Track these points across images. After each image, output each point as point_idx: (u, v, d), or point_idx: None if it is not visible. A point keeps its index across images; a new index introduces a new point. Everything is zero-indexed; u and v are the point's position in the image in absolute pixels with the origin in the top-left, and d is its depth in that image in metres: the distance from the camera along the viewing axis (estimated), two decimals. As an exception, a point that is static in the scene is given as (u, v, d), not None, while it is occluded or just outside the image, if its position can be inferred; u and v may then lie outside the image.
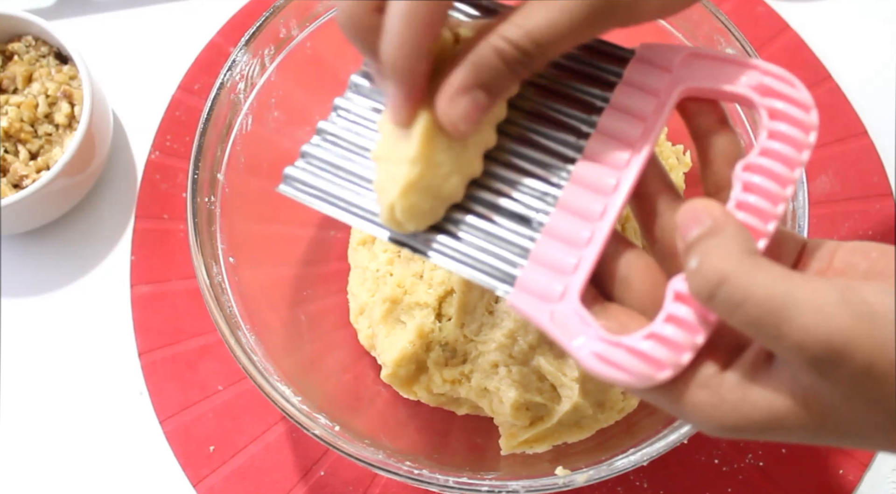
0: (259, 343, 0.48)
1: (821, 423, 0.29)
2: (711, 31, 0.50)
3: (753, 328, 0.28)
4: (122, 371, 0.59)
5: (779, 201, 0.32)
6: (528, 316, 0.33)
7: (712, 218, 0.30)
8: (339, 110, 0.37)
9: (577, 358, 0.32)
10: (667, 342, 0.30)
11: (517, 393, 0.49)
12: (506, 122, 0.35)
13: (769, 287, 0.28)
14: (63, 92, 0.59)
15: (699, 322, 0.31)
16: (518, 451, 0.52)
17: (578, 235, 0.33)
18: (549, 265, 0.33)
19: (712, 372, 0.30)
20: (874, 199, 0.60)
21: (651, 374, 0.30)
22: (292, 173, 0.36)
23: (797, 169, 0.32)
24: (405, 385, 0.52)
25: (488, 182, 0.35)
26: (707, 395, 0.30)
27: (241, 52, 0.50)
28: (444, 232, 0.34)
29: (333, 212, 0.36)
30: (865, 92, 0.63)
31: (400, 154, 0.33)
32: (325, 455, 0.56)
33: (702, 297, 0.29)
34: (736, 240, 0.29)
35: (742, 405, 0.30)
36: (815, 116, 0.33)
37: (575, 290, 0.32)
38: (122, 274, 0.60)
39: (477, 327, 0.51)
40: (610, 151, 0.34)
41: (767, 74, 0.33)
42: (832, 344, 0.27)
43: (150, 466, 0.57)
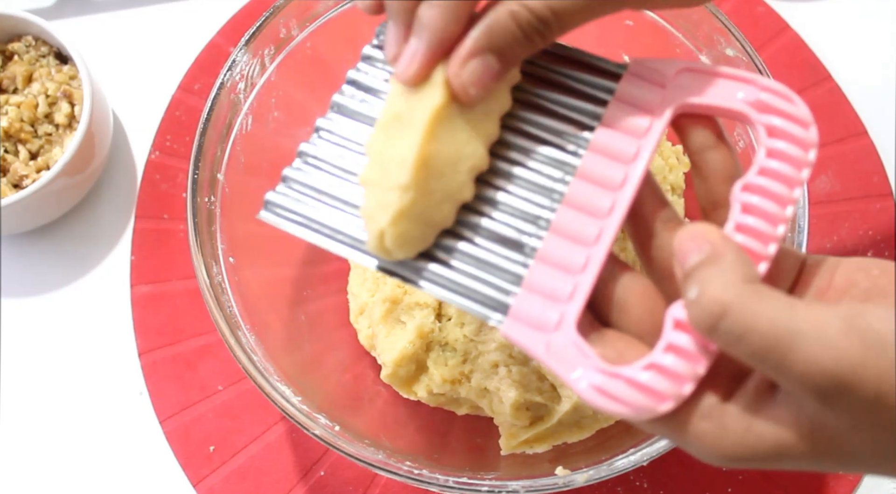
0: (259, 343, 0.48)
1: (826, 452, 0.28)
2: (711, 31, 0.50)
3: (757, 359, 0.28)
4: (122, 371, 0.59)
5: (778, 222, 0.31)
6: (522, 347, 0.32)
7: (711, 244, 0.29)
8: (322, 132, 0.36)
9: (576, 391, 0.31)
10: (667, 372, 0.30)
11: (517, 392, 0.49)
12: (497, 143, 0.34)
13: (772, 318, 0.27)
14: (63, 92, 0.59)
15: (700, 351, 0.30)
16: (518, 451, 0.52)
17: (573, 261, 0.32)
18: (543, 292, 0.32)
19: (714, 402, 0.30)
20: (874, 199, 0.60)
21: (652, 407, 0.30)
22: (273, 198, 0.35)
23: (797, 188, 0.31)
24: (405, 385, 0.52)
25: (479, 206, 0.33)
26: (710, 426, 0.29)
27: (241, 52, 0.50)
28: (434, 259, 0.33)
29: (317, 239, 0.34)
30: (865, 92, 0.63)
31: (391, 179, 0.32)
32: (325, 455, 0.56)
33: (703, 329, 0.28)
34: (736, 268, 0.28)
35: (746, 436, 0.29)
36: (814, 133, 0.32)
37: (571, 319, 0.31)
38: (122, 274, 0.60)
39: (477, 327, 0.51)
40: (604, 171, 0.33)
41: (765, 90, 0.32)
42: (838, 375, 0.26)
43: (150, 466, 0.57)
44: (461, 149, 0.32)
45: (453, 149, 0.32)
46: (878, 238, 0.60)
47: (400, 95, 0.33)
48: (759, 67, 0.48)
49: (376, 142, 0.33)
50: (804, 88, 0.63)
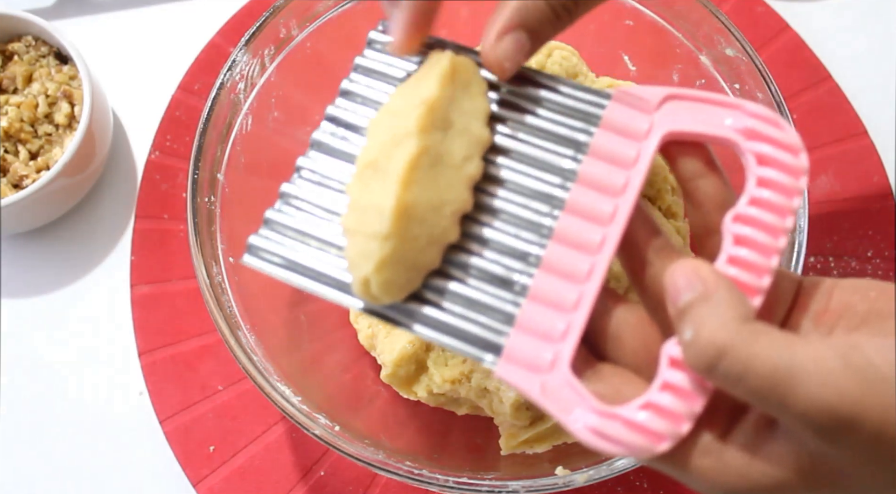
0: (259, 343, 0.48)
1: (828, 487, 0.28)
2: (711, 31, 0.50)
3: (757, 399, 0.27)
4: (122, 371, 0.59)
5: (772, 254, 0.31)
6: (517, 388, 0.31)
7: (703, 282, 0.29)
8: (303, 171, 0.35)
9: (572, 432, 0.30)
10: (664, 412, 0.29)
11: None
12: (483, 180, 0.33)
13: (770, 357, 0.27)
14: (63, 92, 0.59)
15: (696, 389, 0.29)
16: (518, 451, 0.52)
17: (565, 298, 0.31)
18: (536, 332, 0.31)
19: (714, 439, 0.30)
20: (874, 199, 0.60)
21: (650, 447, 0.29)
22: (257, 242, 0.35)
23: (788, 217, 0.31)
24: (405, 385, 0.52)
25: (467, 245, 0.33)
26: (711, 462, 0.29)
27: (241, 52, 0.50)
28: (423, 300, 0.32)
29: (303, 282, 0.34)
30: (865, 92, 0.63)
31: (370, 228, 0.31)
32: (325, 455, 0.56)
33: (699, 370, 0.28)
34: (730, 307, 0.28)
35: (748, 472, 0.29)
36: (804, 159, 0.31)
37: (565, 359, 0.31)
38: (122, 274, 0.60)
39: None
40: (593, 204, 0.32)
41: (753, 116, 0.32)
42: (839, 414, 0.26)
43: (150, 466, 0.57)
44: (443, 195, 0.32)
45: (434, 194, 0.32)
46: (877, 238, 0.60)
47: (377, 141, 0.33)
48: (759, 67, 0.48)
49: (354, 188, 0.33)
50: (804, 88, 0.63)
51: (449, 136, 0.33)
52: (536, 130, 0.34)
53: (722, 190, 0.32)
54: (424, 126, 0.32)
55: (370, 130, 0.34)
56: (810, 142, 0.61)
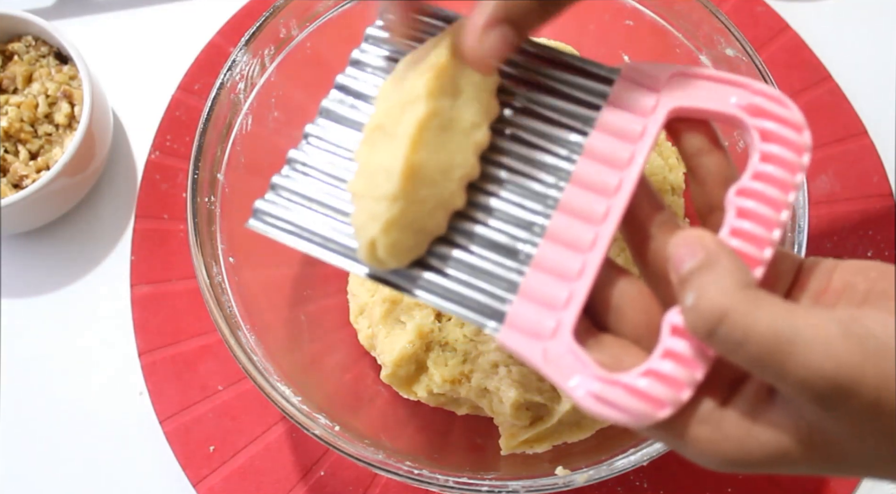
0: (259, 343, 0.48)
1: (825, 457, 0.28)
2: (711, 31, 0.50)
3: (756, 365, 0.27)
4: (122, 371, 0.59)
5: (774, 226, 0.31)
6: (519, 355, 0.31)
7: (705, 249, 0.29)
8: (311, 138, 0.35)
9: (574, 398, 0.30)
10: (665, 379, 0.29)
11: (517, 392, 0.50)
12: (489, 150, 0.33)
13: (770, 323, 0.27)
14: (63, 92, 0.59)
15: (697, 357, 0.30)
16: (518, 451, 0.52)
17: (569, 267, 0.32)
18: (539, 299, 0.32)
19: (713, 408, 0.30)
20: (874, 199, 0.60)
21: (651, 413, 0.30)
22: (262, 207, 0.35)
23: (791, 192, 0.31)
24: (405, 385, 0.52)
25: (472, 213, 0.33)
26: (709, 432, 0.29)
27: (241, 52, 0.50)
28: (428, 267, 0.33)
29: (308, 247, 0.34)
30: (865, 92, 0.63)
31: (378, 190, 0.31)
32: (325, 455, 0.56)
33: (700, 335, 0.28)
34: (732, 274, 0.28)
35: (746, 441, 0.29)
36: (807, 137, 0.32)
37: (567, 326, 0.31)
38: (122, 274, 0.60)
39: (476, 327, 0.51)
40: (598, 176, 0.33)
41: (758, 94, 0.32)
42: (838, 381, 0.26)
43: (150, 466, 0.57)
44: (451, 158, 0.32)
45: (443, 158, 0.32)
46: (878, 238, 0.60)
47: (385, 106, 0.33)
48: (759, 67, 0.48)
49: (362, 153, 0.33)
50: (804, 88, 0.63)
51: (458, 103, 0.33)
52: (544, 104, 0.34)
53: (725, 166, 0.33)
54: (433, 90, 0.32)
55: (379, 97, 0.34)
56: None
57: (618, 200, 0.32)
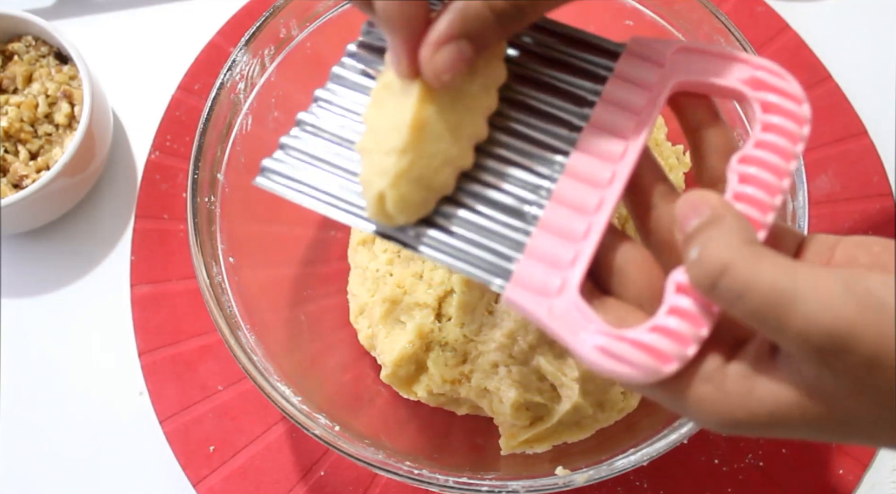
0: (259, 343, 0.48)
1: (825, 418, 0.29)
2: (711, 30, 0.50)
3: (756, 319, 0.28)
4: (122, 371, 0.59)
5: (776, 192, 0.32)
6: (525, 311, 0.32)
7: (711, 208, 0.30)
8: (321, 102, 0.36)
9: (580, 353, 0.31)
10: (671, 334, 0.30)
11: (517, 392, 0.49)
12: (497, 115, 0.34)
13: (772, 276, 0.27)
14: (63, 92, 0.59)
15: (702, 313, 0.30)
16: (518, 451, 0.52)
17: (574, 228, 0.32)
18: (545, 259, 0.32)
19: (715, 367, 0.30)
20: (874, 199, 0.60)
21: (657, 368, 0.30)
22: (270, 165, 0.35)
23: (792, 161, 0.32)
24: (405, 385, 0.52)
25: (480, 175, 0.34)
26: (711, 390, 0.30)
27: (241, 52, 0.50)
28: (435, 226, 0.33)
29: (314, 205, 0.34)
30: (865, 92, 0.63)
31: (388, 144, 0.32)
32: (325, 455, 0.56)
33: (703, 288, 0.29)
34: (736, 230, 0.29)
35: (747, 400, 0.29)
36: (807, 109, 0.33)
37: (573, 284, 0.32)
38: (122, 274, 0.60)
39: (477, 327, 0.51)
40: (604, 144, 0.33)
41: (759, 68, 0.33)
42: (836, 334, 0.26)
43: (150, 466, 0.57)
44: (459, 118, 0.33)
45: (451, 116, 0.32)
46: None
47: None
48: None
49: (371, 114, 0.34)
50: (804, 88, 0.62)
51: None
52: (551, 76, 0.35)
53: (727, 139, 0.34)
54: None
55: (387, 62, 0.34)
56: (810, 141, 0.61)
57: (623, 165, 0.33)
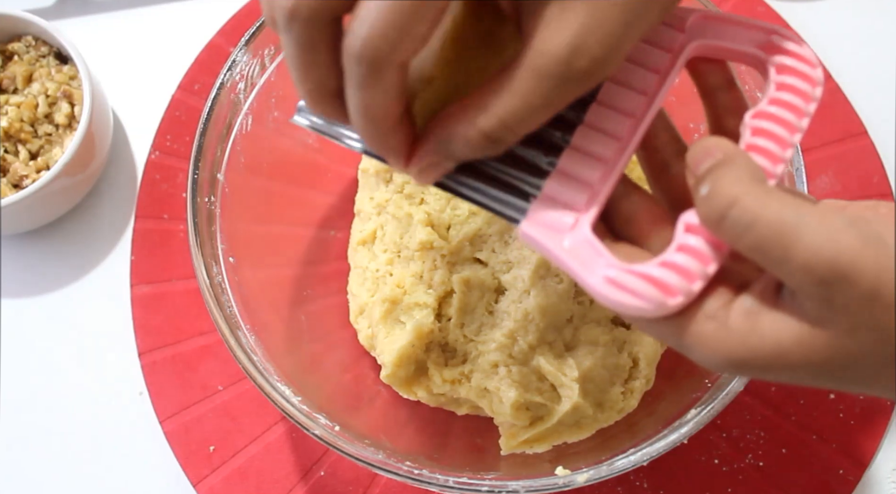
0: (259, 343, 0.48)
1: (825, 359, 0.29)
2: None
3: (762, 252, 0.29)
4: (122, 371, 0.59)
5: (787, 146, 0.33)
6: (539, 244, 0.33)
7: (723, 151, 0.31)
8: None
9: (589, 285, 0.32)
10: (679, 269, 0.31)
11: (517, 393, 0.49)
12: None
13: (778, 210, 0.28)
14: (63, 92, 0.59)
15: (711, 252, 0.31)
16: (518, 451, 0.52)
17: (590, 175, 0.34)
18: (559, 200, 0.33)
19: (720, 304, 0.31)
20: (874, 199, 0.60)
21: (663, 300, 0.31)
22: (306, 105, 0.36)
23: (804, 119, 0.33)
24: (405, 385, 0.52)
25: None
26: (714, 327, 0.30)
27: (241, 52, 0.50)
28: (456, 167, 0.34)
29: (350, 143, 0.35)
30: (865, 92, 0.63)
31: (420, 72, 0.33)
32: (325, 455, 0.56)
33: (711, 221, 0.30)
34: (746, 168, 0.30)
35: (749, 336, 0.30)
36: (820, 73, 0.34)
37: (586, 222, 0.33)
38: (122, 274, 0.60)
39: (477, 327, 0.51)
40: (623, 98, 0.34)
41: (774, 33, 0.34)
42: (839, 265, 0.27)
43: (150, 466, 0.57)
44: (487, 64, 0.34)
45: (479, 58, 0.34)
46: (878, 238, 0.60)
47: None
48: (759, 67, 0.48)
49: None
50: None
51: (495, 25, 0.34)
52: None
53: (741, 102, 0.35)
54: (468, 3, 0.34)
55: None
56: (810, 142, 0.61)
57: (640, 119, 0.34)
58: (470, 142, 0.31)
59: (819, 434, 0.56)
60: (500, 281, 0.51)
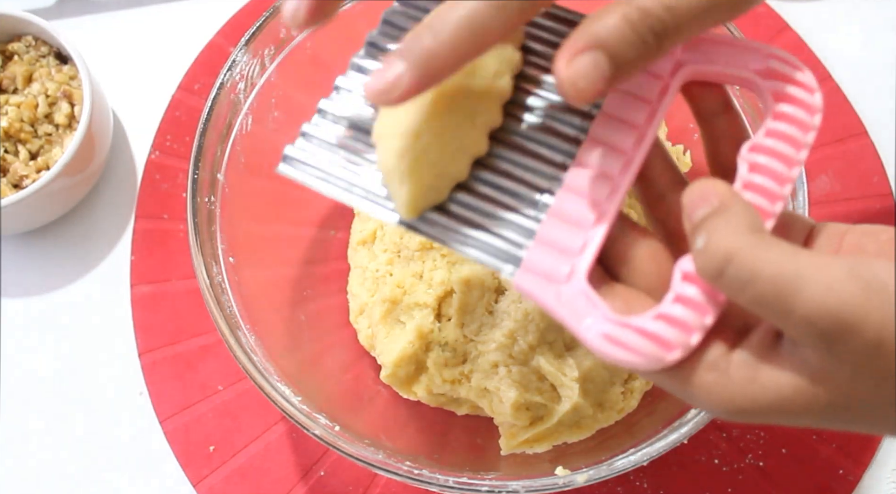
0: (259, 343, 0.48)
1: (828, 404, 0.29)
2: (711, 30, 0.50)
3: (762, 306, 0.28)
4: (122, 371, 0.59)
5: (785, 182, 0.32)
6: (534, 297, 0.32)
7: (719, 197, 0.30)
8: (341, 90, 0.36)
9: (585, 339, 0.31)
10: (676, 322, 0.30)
11: (517, 393, 0.49)
12: (511, 103, 0.34)
13: (778, 263, 0.28)
14: (63, 92, 0.59)
15: (708, 302, 0.30)
16: (518, 451, 0.52)
17: (584, 216, 0.33)
18: (554, 246, 0.33)
19: (720, 354, 0.30)
20: (874, 199, 0.60)
21: (660, 355, 0.30)
22: (292, 153, 0.35)
23: (803, 150, 0.32)
24: (405, 385, 0.52)
25: (493, 162, 0.34)
26: (715, 377, 0.30)
27: (241, 52, 0.50)
28: (447, 212, 0.34)
29: (335, 192, 0.35)
30: (865, 92, 0.63)
31: (403, 127, 0.32)
32: (325, 455, 0.56)
33: (709, 276, 0.29)
34: (743, 218, 0.29)
35: (750, 386, 0.29)
36: (819, 99, 0.33)
37: (582, 271, 0.32)
38: (122, 274, 0.60)
39: (477, 327, 0.51)
40: (615, 134, 0.33)
41: (772, 57, 0.33)
42: (842, 318, 0.27)
43: (150, 466, 0.57)
44: (474, 105, 0.33)
45: (466, 104, 0.33)
46: (878, 238, 0.60)
47: None
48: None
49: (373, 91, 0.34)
50: (804, 88, 0.63)
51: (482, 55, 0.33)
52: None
53: (739, 128, 0.34)
54: None
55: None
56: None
57: (634, 156, 0.33)
58: (627, 19, 0.29)
59: (819, 434, 0.56)
60: (500, 280, 0.51)
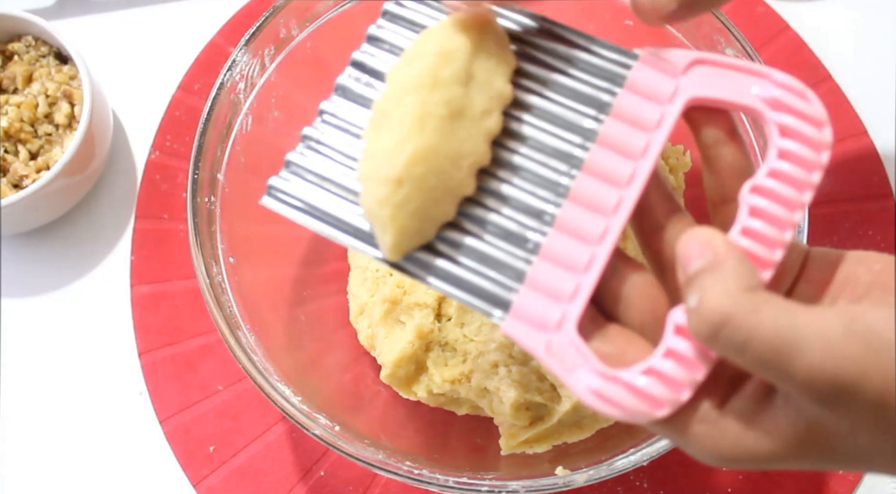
0: (259, 343, 0.48)
1: (822, 452, 0.29)
2: (711, 31, 0.50)
3: (759, 368, 0.27)
4: (122, 371, 0.59)
5: (786, 227, 0.30)
6: (523, 345, 0.31)
7: (713, 250, 0.29)
8: (325, 115, 0.35)
9: (574, 392, 0.31)
10: (665, 379, 0.29)
11: (517, 392, 0.49)
12: (502, 134, 0.33)
13: (773, 325, 0.27)
14: (63, 92, 0.59)
15: (699, 358, 0.29)
16: (518, 451, 0.52)
17: (577, 258, 0.31)
18: (545, 290, 0.31)
19: (712, 406, 0.30)
20: (874, 199, 0.60)
21: (648, 412, 0.30)
22: (277, 184, 0.34)
23: (806, 192, 0.31)
24: (405, 385, 0.52)
25: (482, 199, 0.33)
26: (708, 430, 0.30)
27: (241, 52, 0.50)
28: (436, 252, 0.33)
29: (320, 228, 0.34)
30: (865, 92, 0.63)
31: (385, 173, 0.31)
32: (325, 455, 0.56)
33: (702, 338, 0.28)
34: (737, 277, 0.28)
35: (744, 438, 0.29)
36: (828, 134, 0.31)
37: (572, 319, 0.31)
38: (122, 274, 0.60)
39: (477, 327, 0.51)
40: (611, 165, 0.32)
41: (779, 86, 0.32)
42: (841, 380, 0.26)
43: (150, 466, 0.57)
44: (460, 147, 0.32)
45: (452, 146, 0.32)
46: (877, 238, 0.60)
47: (391, 90, 0.33)
48: (759, 67, 0.48)
49: (369, 134, 0.33)
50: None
51: (470, 89, 0.32)
52: (559, 87, 0.34)
53: (741, 158, 0.32)
54: (436, 78, 0.32)
55: (389, 77, 0.34)
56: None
57: (630, 191, 0.32)
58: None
59: (819, 434, 0.56)
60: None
